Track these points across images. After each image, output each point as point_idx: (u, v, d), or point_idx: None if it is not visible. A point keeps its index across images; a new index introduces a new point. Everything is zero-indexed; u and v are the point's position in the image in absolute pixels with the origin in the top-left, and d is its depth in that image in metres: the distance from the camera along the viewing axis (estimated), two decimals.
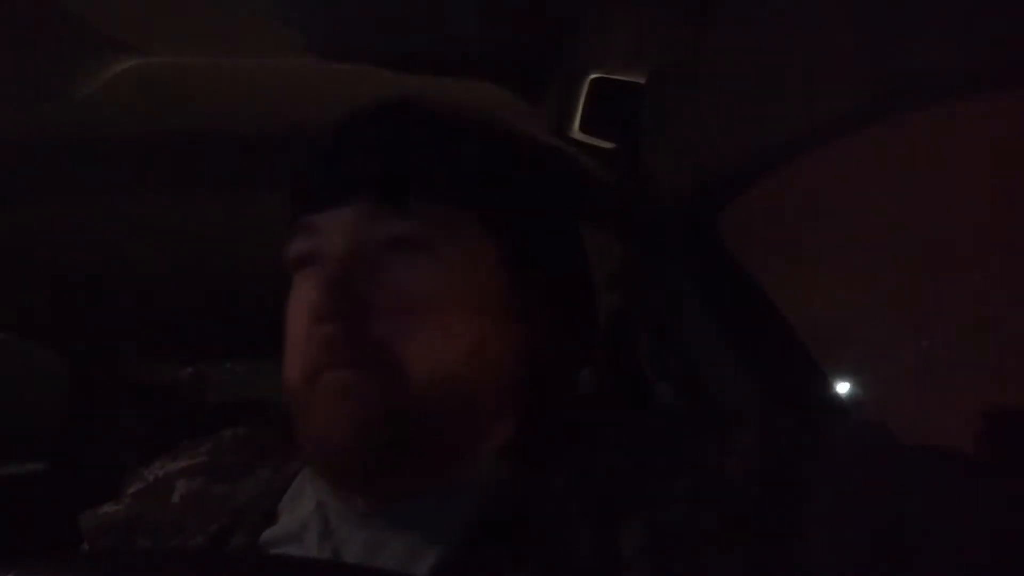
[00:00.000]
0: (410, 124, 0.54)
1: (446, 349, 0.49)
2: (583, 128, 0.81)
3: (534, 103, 0.78)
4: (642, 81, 0.74)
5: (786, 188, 0.71)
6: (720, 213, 0.81)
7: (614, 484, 0.48)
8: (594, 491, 0.48)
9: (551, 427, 0.53)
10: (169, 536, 0.54)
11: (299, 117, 0.81)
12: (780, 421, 0.51)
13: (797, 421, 0.55)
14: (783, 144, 0.63)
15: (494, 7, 0.67)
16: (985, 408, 0.66)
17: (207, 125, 0.82)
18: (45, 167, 0.86)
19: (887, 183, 0.71)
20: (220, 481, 0.57)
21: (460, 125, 0.56)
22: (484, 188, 0.54)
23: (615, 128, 0.81)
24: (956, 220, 0.66)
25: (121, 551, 0.53)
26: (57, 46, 0.67)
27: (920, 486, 0.47)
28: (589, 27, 0.70)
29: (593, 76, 0.76)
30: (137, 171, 0.90)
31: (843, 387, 0.78)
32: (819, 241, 0.80)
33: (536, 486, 0.50)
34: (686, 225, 0.84)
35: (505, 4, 0.67)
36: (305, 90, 0.77)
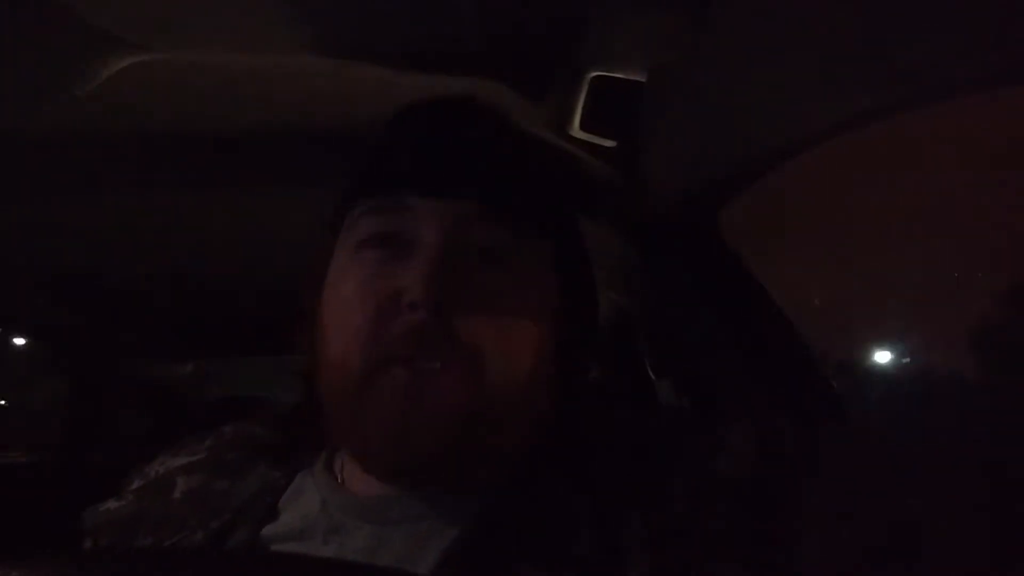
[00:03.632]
0: (500, 128, 0.55)
1: (516, 353, 0.49)
2: (584, 126, 0.81)
3: (535, 101, 0.78)
4: (642, 79, 0.74)
5: (786, 187, 0.71)
6: (720, 212, 0.81)
7: (613, 483, 0.48)
8: (595, 489, 0.48)
9: (555, 427, 0.53)
10: (170, 533, 0.54)
11: (299, 115, 0.81)
12: (778, 421, 0.51)
13: (795, 421, 0.56)
14: (783, 143, 0.63)
15: (495, 5, 0.67)
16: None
17: (207, 123, 0.82)
18: (45, 164, 0.86)
19: (887, 182, 0.72)
20: (221, 477, 0.57)
21: (525, 132, 0.57)
22: (549, 201, 0.55)
23: (615, 126, 0.81)
24: (956, 219, 0.66)
25: (122, 548, 0.53)
26: (58, 43, 0.67)
27: (916, 486, 0.47)
28: (590, 25, 0.69)
29: (594, 74, 0.76)
30: (137, 168, 0.90)
31: (842, 387, 0.78)
32: (819, 240, 0.80)
33: (539, 485, 0.50)
34: (686, 223, 0.84)
35: (506, 2, 0.67)
36: (306, 88, 0.77)
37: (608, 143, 0.82)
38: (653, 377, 1.07)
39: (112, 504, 0.58)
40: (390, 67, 0.71)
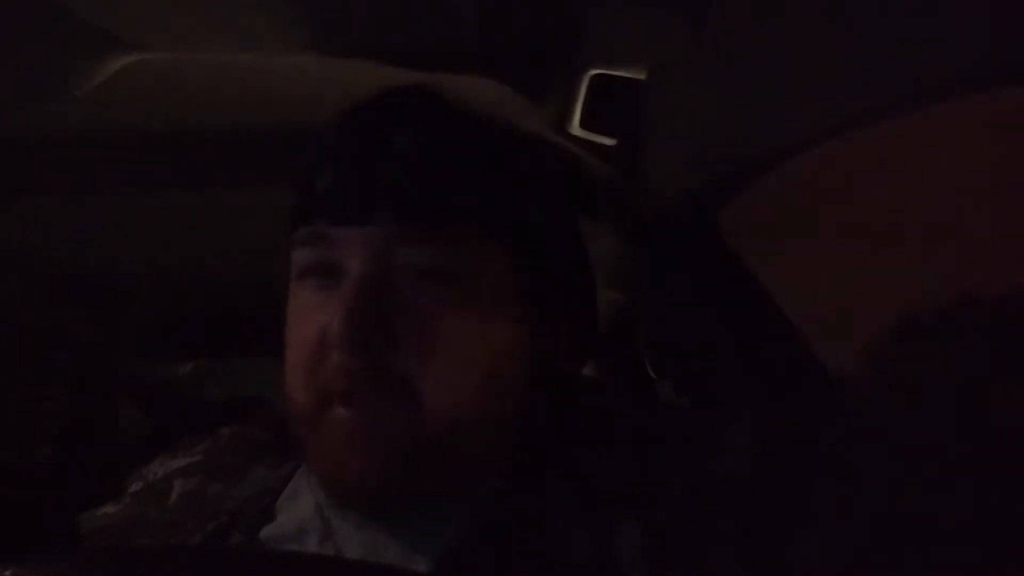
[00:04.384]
0: (437, 128, 0.50)
1: (464, 380, 0.48)
2: (583, 125, 0.81)
3: (534, 99, 0.78)
4: (642, 78, 0.74)
5: (786, 186, 0.71)
6: (720, 211, 0.81)
7: (611, 484, 0.48)
8: (591, 491, 0.48)
9: (550, 428, 0.53)
10: (167, 536, 0.54)
11: (299, 114, 0.81)
12: (776, 419, 0.51)
13: (795, 420, 0.55)
14: (783, 142, 0.63)
15: (494, 5, 0.67)
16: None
17: (206, 122, 0.82)
18: (44, 164, 0.86)
19: (888, 182, 0.71)
20: (217, 480, 0.57)
21: (482, 120, 0.53)
22: (507, 205, 0.51)
23: (615, 125, 0.81)
24: (957, 219, 0.66)
25: (122, 548, 0.53)
26: (56, 43, 0.67)
27: (917, 484, 0.47)
28: (589, 23, 0.69)
29: (593, 72, 0.76)
30: (137, 168, 0.90)
31: (842, 386, 0.78)
32: (819, 240, 0.80)
33: (534, 487, 0.50)
34: (686, 223, 0.84)
35: (505, 2, 0.67)
36: (305, 87, 0.77)
37: (608, 141, 0.82)
38: (653, 377, 1.07)
39: (109, 509, 0.58)
40: (390, 67, 0.71)
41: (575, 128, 0.81)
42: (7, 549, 0.33)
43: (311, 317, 0.49)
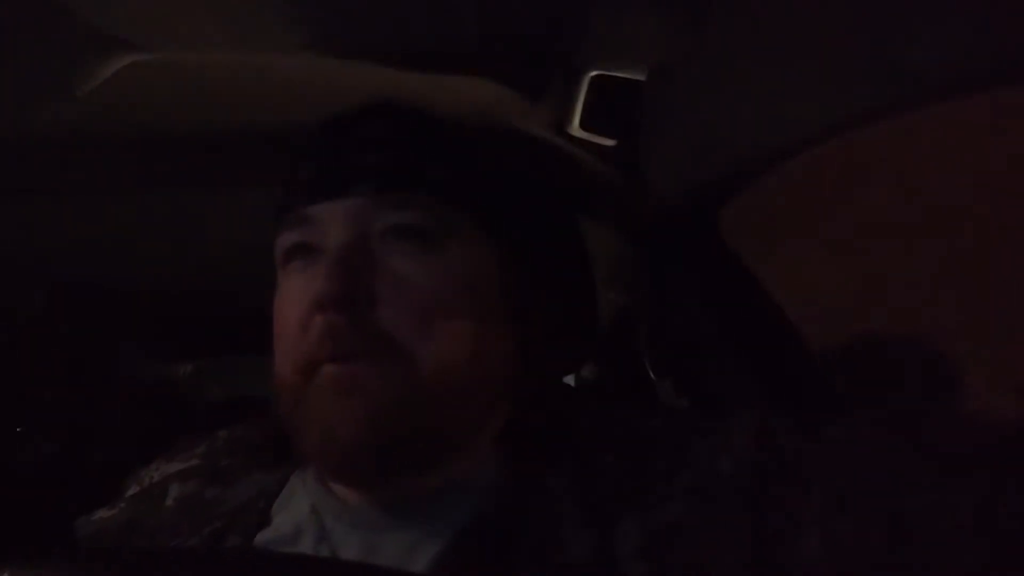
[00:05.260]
0: (407, 120, 0.54)
1: (451, 341, 0.49)
2: (583, 125, 0.81)
3: (534, 100, 0.78)
4: (642, 78, 0.74)
5: (786, 186, 0.71)
6: (720, 211, 0.81)
7: (610, 484, 0.48)
8: (590, 490, 0.48)
9: (545, 425, 0.53)
10: (163, 540, 0.54)
11: (299, 114, 0.81)
12: (776, 419, 0.51)
13: (795, 420, 0.55)
14: (783, 143, 0.63)
15: (494, 5, 0.67)
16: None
17: (207, 122, 0.82)
18: (45, 165, 0.86)
19: (888, 182, 0.71)
20: (214, 484, 0.57)
21: (456, 123, 0.56)
22: (480, 187, 0.54)
23: (615, 125, 0.81)
24: (957, 219, 0.66)
25: (122, 549, 0.53)
26: (57, 44, 0.67)
27: (916, 483, 0.47)
28: (589, 24, 0.69)
29: (593, 73, 0.76)
30: (137, 169, 0.90)
31: (841, 385, 0.78)
32: (819, 239, 0.80)
33: (532, 485, 0.50)
34: (686, 223, 0.84)
35: (505, 2, 0.67)
36: (305, 87, 0.77)
37: (608, 142, 0.82)
38: (653, 377, 1.06)
39: (105, 513, 0.58)
40: (390, 67, 0.71)
41: (575, 129, 0.81)
42: (7, 549, 0.33)
43: (295, 296, 0.50)
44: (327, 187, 0.51)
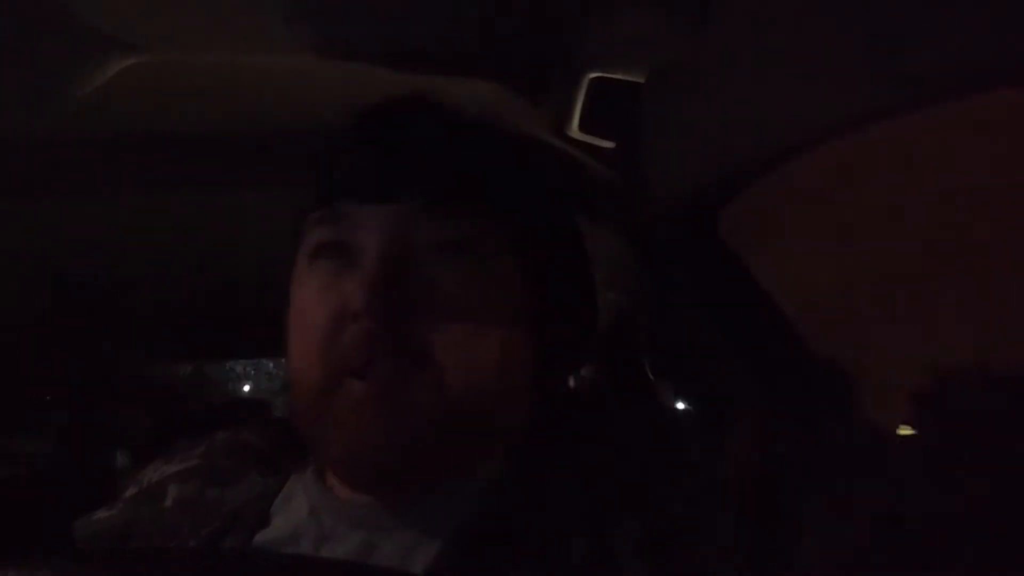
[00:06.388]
0: (452, 122, 0.53)
1: (482, 355, 0.49)
2: (582, 127, 0.81)
3: (534, 102, 0.78)
4: (641, 80, 0.74)
5: (786, 186, 0.71)
6: (720, 212, 0.81)
7: (610, 485, 0.48)
8: (590, 491, 0.48)
9: (550, 427, 0.53)
10: (163, 541, 0.54)
11: (299, 115, 0.81)
12: (776, 419, 0.51)
13: (793, 419, 0.55)
14: (783, 144, 0.63)
15: (494, 6, 0.67)
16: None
17: (207, 123, 0.82)
18: (45, 166, 0.86)
19: (888, 182, 0.71)
20: (213, 485, 0.57)
21: (497, 131, 0.56)
22: (517, 196, 0.54)
23: (614, 127, 0.81)
24: (957, 219, 0.66)
25: (121, 549, 0.53)
26: (57, 45, 0.67)
27: (916, 482, 0.47)
28: (589, 26, 0.69)
29: (592, 75, 0.76)
30: (137, 169, 0.90)
31: (841, 384, 0.78)
32: (819, 239, 0.80)
33: (532, 485, 0.50)
34: (686, 224, 0.84)
35: (505, 3, 0.67)
36: (305, 88, 0.77)
37: (607, 144, 0.82)
38: (653, 377, 1.06)
39: (104, 514, 0.58)
40: (390, 67, 0.71)
41: (574, 131, 0.81)
42: (7, 549, 0.33)
43: (324, 296, 0.49)
44: (374, 188, 0.50)
